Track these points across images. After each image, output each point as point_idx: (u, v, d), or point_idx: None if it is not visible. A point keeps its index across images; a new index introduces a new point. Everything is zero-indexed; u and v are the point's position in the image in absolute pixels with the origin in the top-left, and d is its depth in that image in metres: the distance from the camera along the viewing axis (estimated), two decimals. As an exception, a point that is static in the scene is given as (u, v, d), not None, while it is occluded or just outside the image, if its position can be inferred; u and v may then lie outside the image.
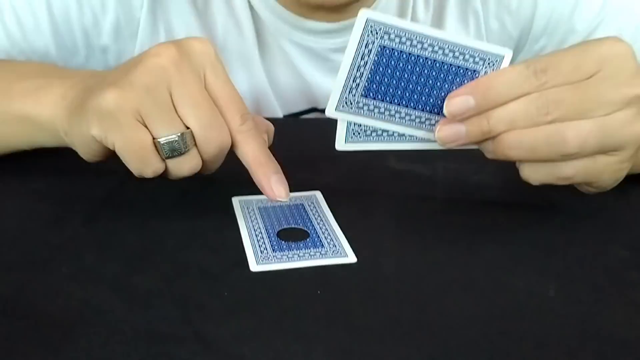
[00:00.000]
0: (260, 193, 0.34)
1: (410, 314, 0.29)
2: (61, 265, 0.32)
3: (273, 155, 0.35)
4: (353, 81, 0.32)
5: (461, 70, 0.33)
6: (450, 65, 0.33)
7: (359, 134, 0.35)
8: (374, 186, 0.42)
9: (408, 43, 0.32)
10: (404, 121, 0.34)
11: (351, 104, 0.33)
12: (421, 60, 0.32)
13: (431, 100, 0.33)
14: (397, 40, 0.31)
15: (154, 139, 0.32)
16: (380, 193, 0.41)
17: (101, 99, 0.32)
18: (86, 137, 0.34)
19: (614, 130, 0.33)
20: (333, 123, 0.34)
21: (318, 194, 0.40)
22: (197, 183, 0.39)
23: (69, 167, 0.42)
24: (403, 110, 0.34)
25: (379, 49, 0.32)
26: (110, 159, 0.35)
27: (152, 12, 0.53)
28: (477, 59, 0.33)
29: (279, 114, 0.57)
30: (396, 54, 0.32)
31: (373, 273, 0.32)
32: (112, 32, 0.53)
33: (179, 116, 0.33)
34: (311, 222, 0.36)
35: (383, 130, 0.34)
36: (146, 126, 0.32)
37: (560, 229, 0.37)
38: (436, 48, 0.32)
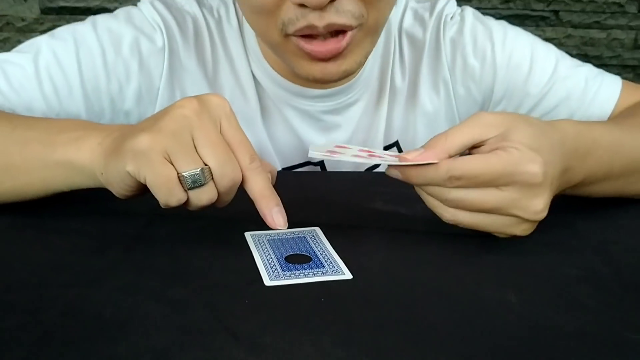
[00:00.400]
0: (268, 228, 0.41)
1: (397, 314, 0.36)
2: (107, 283, 0.38)
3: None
4: None
5: None
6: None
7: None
8: (364, 223, 0.49)
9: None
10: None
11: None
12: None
13: None
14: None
15: (178, 173, 0.39)
16: (370, 228, 0.48)
17: (135, 141, 0.39)
18: (121, 173, 0.40)
19: (496, 228, 0.43)
20: (324, 175, 0.42)
21: (317, 229, 0.47)
22: (214, 221, 0.47)
23: (101, 210, 0.49)
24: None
25: None
26: (139, 197, 0.42)
27: (170, 81, 0.62)
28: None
29: (278, 167, 0.65)
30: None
31: (365, 285, 0.39)
32: (134, 99, 0.61)
33: (199, 155, 0.39)
34: (312, 249, 0.43)
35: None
36: (172, 163, 0.39)
37: (519, 253, 0.44)
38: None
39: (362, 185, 0.59)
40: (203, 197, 0.40)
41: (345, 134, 0.66)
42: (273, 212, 0.41)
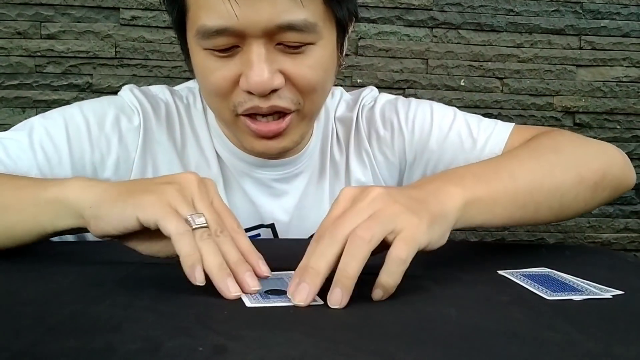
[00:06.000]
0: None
1: (353, 319, 0.42)
2: (103, 302, 0.44)
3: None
4: None
5: None
6: None
7: None
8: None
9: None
10: None
11: None
12: None
13: None
14: None
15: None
16: (334, 272, 0.55)
17: (147, 198, 0.48)
18: (127, 218, 0.48)
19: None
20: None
21: (292, 272, 0.53)
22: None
23: (96, 259, 0.55)
24: None
25: None
26: (115, 239, 0.50)
27: (144, 154, 0.72)
28: None
29: None
30: None
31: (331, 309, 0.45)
32: (113, 168, 0.70)
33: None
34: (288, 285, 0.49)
35: None
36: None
37: (461, 285, 0.51)
38: None
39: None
40: (210, 248, 0.46)
41: (292, 200, 0.76)
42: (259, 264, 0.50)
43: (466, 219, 0.54)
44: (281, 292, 0.47)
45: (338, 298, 0.44)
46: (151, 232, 0.48)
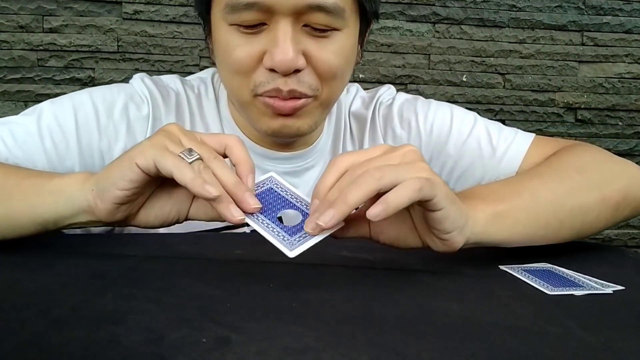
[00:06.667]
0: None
1: (355, 312, 0.42)
2: (107, 294, 0.44)
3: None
4: None
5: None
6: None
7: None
8: (332, 262, 0.56)
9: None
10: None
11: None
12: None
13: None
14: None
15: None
16: (337, 266, 0.55)
17: (139, 146, 0.49)
18: (127, 169, 0.48)
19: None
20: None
21: (272, 174, 0.55)
22: (203, 260, 0.53)
23: (97, 252, 0.55)
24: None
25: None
26: (122, 220, 0.51)
27: None
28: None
29: None
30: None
31: (333, 302, 0.46)
32: None
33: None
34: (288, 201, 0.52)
35: None
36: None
37: (462, 279, 0.52)
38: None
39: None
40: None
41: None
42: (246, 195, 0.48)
43: (486, 235, 0.54)
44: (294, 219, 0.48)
45: (328, 217, 0.45)
46: (156, 196, 0.51)
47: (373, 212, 0.45)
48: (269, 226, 0.48)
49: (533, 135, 0.78)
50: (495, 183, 0.62)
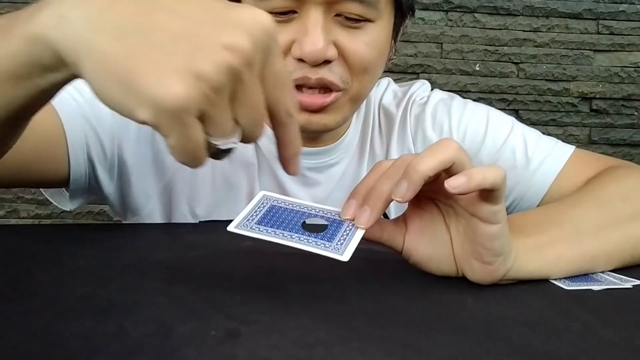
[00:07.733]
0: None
1: (366, 305, 0.41)
2: (114, 285, 0.43)
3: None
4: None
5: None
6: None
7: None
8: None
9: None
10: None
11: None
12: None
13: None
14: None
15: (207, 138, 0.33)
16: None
17: (163, 91, 0.30)
18: (126, 106, 0.31)
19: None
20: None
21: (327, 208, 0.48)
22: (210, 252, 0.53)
23: (104, 245, 0.55)
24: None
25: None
26: None
27: None
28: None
29: None
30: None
31: (345, 295, 0.45)
32: (135, 135, 0.68)
33: (234, 112, 0.33)
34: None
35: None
36: (203, 123, 0.32)
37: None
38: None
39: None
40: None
41: (324, 192, 0.74)
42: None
43: (525, 271, 0.48)
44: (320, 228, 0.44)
45: (404, 188, 0.41)
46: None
47: (454, 182, 0.41)
48: (304, 239, 0.43)
49: (573, 148, 0.73)
50: (532, 212, 0.58)
